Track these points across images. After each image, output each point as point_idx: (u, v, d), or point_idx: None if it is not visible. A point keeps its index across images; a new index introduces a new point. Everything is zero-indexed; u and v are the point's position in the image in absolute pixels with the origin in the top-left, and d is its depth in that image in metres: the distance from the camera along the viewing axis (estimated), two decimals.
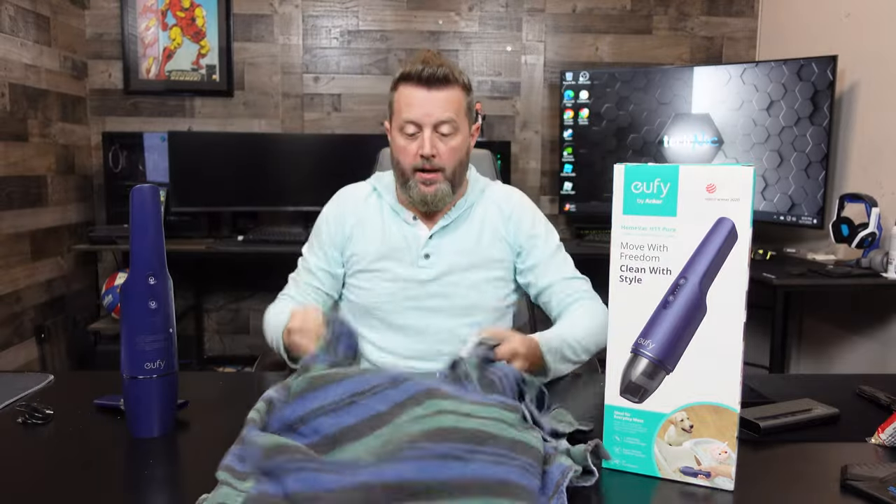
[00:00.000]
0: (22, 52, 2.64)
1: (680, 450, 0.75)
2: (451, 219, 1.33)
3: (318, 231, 1.39)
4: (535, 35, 3.30)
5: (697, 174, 0.72)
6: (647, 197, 0.74)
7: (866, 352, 2.53)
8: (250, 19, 3.23)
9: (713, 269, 0.72)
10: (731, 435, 0.73)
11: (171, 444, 0.86)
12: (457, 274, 1.31)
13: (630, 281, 0.76)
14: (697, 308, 0.73)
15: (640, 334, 0.76)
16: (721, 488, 0.73)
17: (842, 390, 1.06)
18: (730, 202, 0.71)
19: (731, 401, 0.73)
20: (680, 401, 0.74)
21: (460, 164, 1.30)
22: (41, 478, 0.75)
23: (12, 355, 2.61)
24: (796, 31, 3.00)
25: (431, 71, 1.23)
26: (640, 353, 0.75)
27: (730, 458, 0.73)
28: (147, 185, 0.87)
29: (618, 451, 0.78)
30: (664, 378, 0.75)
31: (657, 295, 0.75)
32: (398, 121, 1.27)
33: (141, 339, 0.86)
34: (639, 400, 0.76)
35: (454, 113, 1.25)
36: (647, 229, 0.75)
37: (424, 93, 1.24)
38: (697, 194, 0.72)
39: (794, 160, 2.69)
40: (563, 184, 3.15)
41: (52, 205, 2.87)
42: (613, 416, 0.78)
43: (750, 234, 0.71)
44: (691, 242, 0.73)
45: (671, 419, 0.75)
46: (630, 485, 0.75)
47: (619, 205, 0.76)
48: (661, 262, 0.74)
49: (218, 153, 3.01)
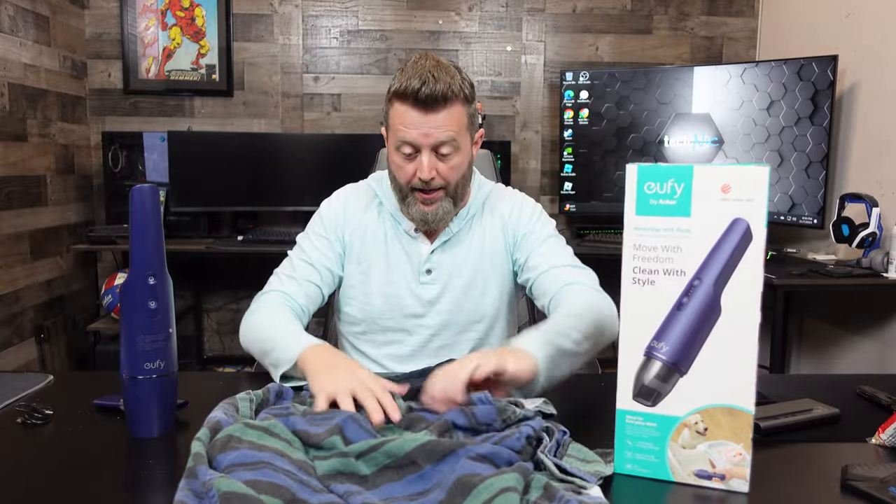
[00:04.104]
0: (21, 51, 2.64)
1: (694, 453, 0.74)
2: (453, 232, 1.27)
3: (321, 225, 1.30)
4: (535, 35, 3.30)
5: (712, 174, 0.71)
6: (661, 197, 0.73)
7: (866, 352, 2.53)
8: (250, 19, 3.23)
9: (728, 270, 0.71)
10: (745, 436, 0.72)
11: (171, 444, 0.85)
12: (459, 289, 1.27)
13: (643, 283, 0.75)
14: (712, 309, 0.72)
15: (653, 337, 0.74)
16: (736, 490, 0.73)
17: (842, 390, 1.06)
18: (745, 202, 0.70)
19: (745, 402, 0.72)
20: (694, 403, 0.74)
21: (462, 178, 1.22)
22: (41, 478, 0.75)
23: (12, 355, 2.61)
24: (796, 31, 3.00)
25: (429, 91, 1.11)
26: (654, 356, 0.74)
27: (744, 459, 0.72)
28: (147, 185, 0.87)
29: (630, 456, 0.77)
30: (678, 381, 0.74)
31: (671, 297, 0.74)
32: (394, 138, 1.18)
33: (140, 339, 0.86)
34: (652, 404, 0.75)
35: (455, 132, 1.16)
36: (660, 230, 0.74)
37: (422, 114, 1.14)
38: (712, 195, 0.71)
39: (795, 160, 2.69)
40: (563, 184, 3.15)
41: (51, 205, 2.87)
42: (626, 420, 0.77)
43: (765, 235, 0.71)
44: (706, 243, 0.72)
45: (685, 422, 0.74)
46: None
47: (632, 206, 0.74)
48: (674, 263, 0.73)
49: (218, 153, 3.01)
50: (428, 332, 1.28)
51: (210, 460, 0.69)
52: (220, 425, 0.76)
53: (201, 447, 0.70)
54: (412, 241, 1.28)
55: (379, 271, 1.28)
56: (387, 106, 1.20)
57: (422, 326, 1.28)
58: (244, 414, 0.83)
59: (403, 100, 1.15)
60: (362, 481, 0.70)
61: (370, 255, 1.28)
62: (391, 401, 0.85)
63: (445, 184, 1.19)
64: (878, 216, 2.26)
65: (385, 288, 1.27)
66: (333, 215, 1.31)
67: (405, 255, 1.28)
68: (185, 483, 0.66)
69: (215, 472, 0.66)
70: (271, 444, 0.71)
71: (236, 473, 0.66)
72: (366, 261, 1.29)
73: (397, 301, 1.27)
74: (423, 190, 1.19)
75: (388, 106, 1.20)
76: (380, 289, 1.27)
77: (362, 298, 1.29)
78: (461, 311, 1.27)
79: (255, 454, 0.69)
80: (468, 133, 1.21)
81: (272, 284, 1.26)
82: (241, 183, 3.03)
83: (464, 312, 1.28)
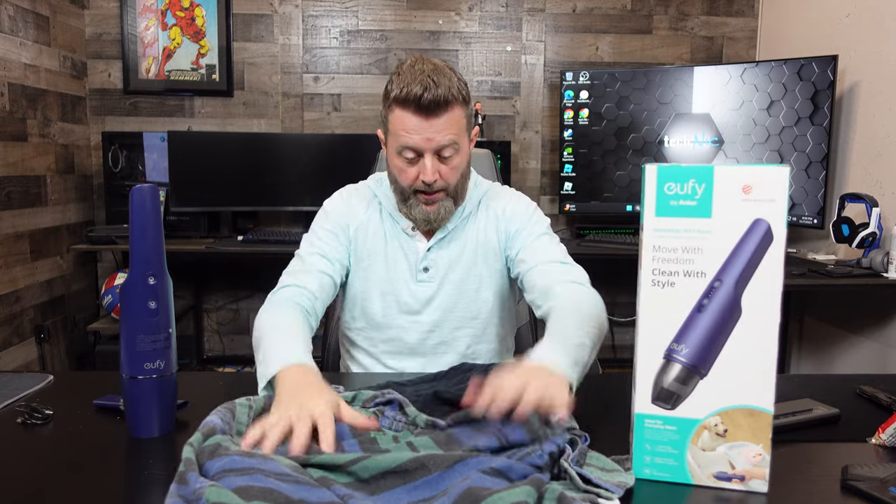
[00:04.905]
0: (21, 51, 2.64)
1: (714, 455, 0.74)
2: (449, 230, 1.29)
3: (328, 220, 1.31)
4: (535, 35, 3.30)
5: (733, 175, 0.71)
6: (681, 198, 0.72)
7: (866, 352, 2.53)
8: (250, 19, 3.23)
9: (749, 271, 0.71)
10: (765, 437, 0.72)
11: (171, 444, 0.85)
12: (456, 286, 1.29)
13: (662, 285, 0.74)
14: (732, 311, 0.72)
15: (673, 339, 0.74)
16: (755, 491, 0.73)
17: (842, 390, 1.06)
18: (765, 203, 0.70)
19: (765, 403, 0.72)
20: (714, 405, 0.73)
21: (462, 178, 1.25)
22: (41, 478, 0.75)
23: (12, 355, 2.61)
24: (796, 31, 3.00)
25: (431, 97, 1.12)
26: (674, 358, 0.74)
27: (764, 460, 0.72)
28: (147, 185, 0.87)
29: (649, 461, 0.76)
30: (697, 383, 0.73)
31: (691, 299, 0.73)
32: (395, 143, 1.19)
33: (140, 339, 0.86)
34: (671, 407, 0.75)
35: (455, 134, 1.18)
36: (680, 231, 0.73)
37: (424, 120, 1.15)
38: (733, 195, 0.71)
39: (795, 160, 2.69)
40: (563, 184, 3.15)
41: (51, 205, 2.87)
42: (644, 424, 0.76)
43: (785, 235, 0.71)
44: (726, 244, 0.72)
45: (705, 424, 0.74)
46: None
47: (651, 207, 0.73)
48: (695, 264, 0.73)
49: (218, 153, 3.01)
50: (425, 328, 1.29)
51: (199, 466, 0.68)
52: (214, 431, 0.74)
53: (192, 453, 0.69)
54: (409, 240, 1.30)
55: (378, 269, 1.30)
56: (385, 111, 1.21)
57: (419, 323, 1.29)
58: (241, 421, 0.80)
59: (405, 106, 1.15)
60: (363, 486, 0.69)
61: (370, 253, 1.30)
62: (328, 433, 0.77)
63: (446, 186, 1.21)
64: (878, 216, 2.26)
65: (383, 286, 1.29)
66: (338, 211, 1.32)
67: (402, 253, 1.30)
68: (175, 489, 0.65)
69: (206, 479, 0.65)
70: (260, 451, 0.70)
71: (226, 480, 0.64)
72: (366, 258, 1.30)
73: (395, 299, 1.29)
74: (425, 192, 1.21)
75: (387, 111, 1.20)
76: (378, 286, 1.29)
77: (361, 296, 1.30)
78: (457, 308, 1.29)
79: (245, 460, 0.67)
80: (467, 133, 1.23)
81: (284, 281, 1.22)
82: (241, 183, 3.03)
83: (459, 309, 1.29)
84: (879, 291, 2.39)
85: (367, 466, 0.69)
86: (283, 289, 1.20)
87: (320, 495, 0.64)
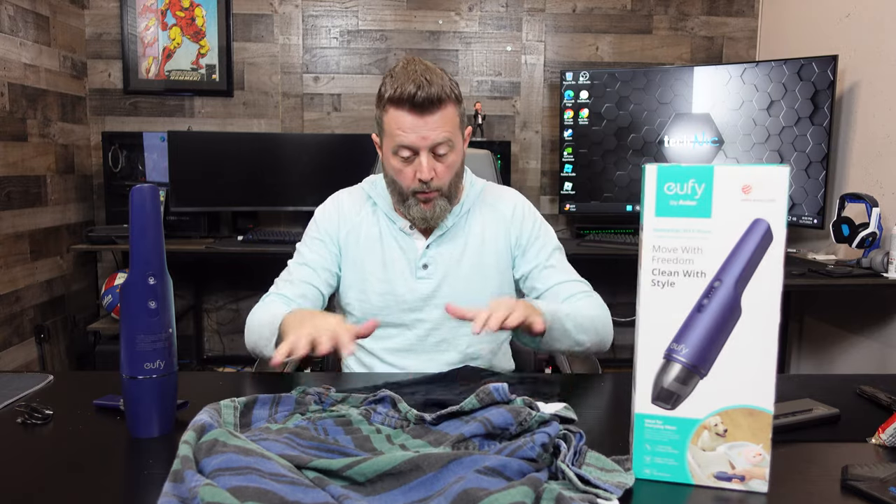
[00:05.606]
0: (21, 51, 2.64)
1: (714, 455, 0.74)
2: (448, 227, 1.31)
3: (316, 229, 1.35)
4: (535, 35, 3.30)
5: (733, 174, 0.71)
6: (681, 198, 0.73)
7: (866, 352, 2.53)
8: (250, 19, 3.23)
9: (749, 271, 0.71)
10: (765, 437, 0.72)
11: (171, 444, 0.85)
12: (456, 283, 1.29)
13: (662, 285, 0.74)
14: (733, 311, 0.72)
15: (672, 339, 0.74)
16: (755, 491, 0.73)
17: (842, 390, 1.06)
18: (765, 203, 0.70)
19: (765, 403, 0.72)
20: (714, 405, 0.73)
21: (456, 176, 1.27)
22: (41, 478, 0.75)
23: (12, 355, 2.61)
24: (796, 31, 3.00)
25: (424, 95, 1.15)
26: (674, 358, 0.74)
27: (764, 460, 0.72)
28: (147, 185, 0.87)
29: (648, 461, 0.76)
30: (698, 383, 0.73)
31: (691, 299, 0.73)
32: (391, 143, 1.21)
33: (140, 339, 0.86)
34: (671, 407, 0.75)
35: (450, 132, 1.20)
36: (680, 231, 0.73)
37: (418, 118, 1.17)
38: (733, 195, 0.71)
39: (795, 160, 2.69)
40: (563, 184, 3.15)
41: (51, 205, 2.87)
42: (644, 424, 0.76)
43: (785, 235, 0.71)
44: (726, 244, 0.72)
45: (705, 424, 0.74)
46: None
47: (651, 207, 0.73)
48: (695, 264, 0.73)
49: (218, 153, 3.01)
50: (427, 326, 1.29)
51: (196, 463, 0.68)
52: (204, 429, 0.74)
53: (188, 450, 0.69)
54: (407, 238, 1.31)
55: (375, 269, 1.30)
56: (380, 112, 1.23)
57: (420, 321, 1.29)
58: (227, 421, 0.81)
59: (399, 105, 1.18)
60: (358, 487, 0.68)
61: (366, 254, 1.31)
62: (347, 338, 0.94)
63: (441, 185, 1.24)
64: (878, 216, 2.26)
65: (382, 285, 1.30)
66: (327, 218, 1.35)
67: (401, 252, 1.31)
68: (170, 487, 0.65)
69: (202, 477, 0.65)
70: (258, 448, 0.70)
71: (222, 479, 0.64)
72: (361, 260, 1.31)
73: (394, 297, 1.29)
74: (422, 191, 1.23)
75: (381, 112, 1.22)
76: (377, 286, 1.30)
77: (360, 296, 1.31)
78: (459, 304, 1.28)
79: (241, 458, 0.67)
80: (460, 131, 1.26)
81: (270, 290, 1.32)
82: (241, 183, 3.03)
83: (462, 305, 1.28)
84: (879, 291, 2.39)
85: (363, 471, 0.69)
86: (269, 296, 1.30)
87: (315, 496, 0.63)
